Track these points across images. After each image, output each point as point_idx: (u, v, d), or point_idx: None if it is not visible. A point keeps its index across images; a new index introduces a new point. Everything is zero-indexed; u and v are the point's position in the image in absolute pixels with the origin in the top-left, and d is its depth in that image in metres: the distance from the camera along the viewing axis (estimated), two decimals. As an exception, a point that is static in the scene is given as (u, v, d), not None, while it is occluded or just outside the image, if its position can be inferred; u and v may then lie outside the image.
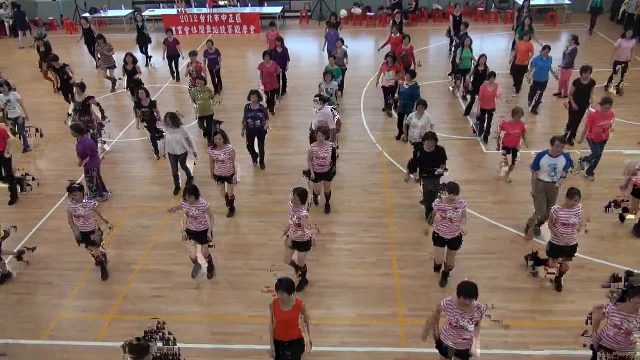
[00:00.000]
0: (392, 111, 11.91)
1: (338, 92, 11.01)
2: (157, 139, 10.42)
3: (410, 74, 10.50)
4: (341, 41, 12.99)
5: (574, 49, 12.02)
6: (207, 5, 20.73)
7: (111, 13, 21.24)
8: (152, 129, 10.35)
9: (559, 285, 7.07)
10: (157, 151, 10.56)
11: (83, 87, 10.34)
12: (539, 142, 10.16)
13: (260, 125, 9.63)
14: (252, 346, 6.43)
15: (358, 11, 20.79)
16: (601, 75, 12.10)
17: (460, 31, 14.35)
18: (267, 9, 20.84)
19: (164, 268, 7.82)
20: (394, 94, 11.37)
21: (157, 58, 16.27)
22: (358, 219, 8.75)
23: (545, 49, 11.37)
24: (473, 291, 4.88)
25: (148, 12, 20.78)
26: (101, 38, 14.11)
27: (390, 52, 12.08)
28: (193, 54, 12.33)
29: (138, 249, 8.25)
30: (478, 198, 9.11)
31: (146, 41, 16.38)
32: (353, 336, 6.56)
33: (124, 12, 20.95)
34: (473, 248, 7.84)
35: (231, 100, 13.60)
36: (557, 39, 17.59)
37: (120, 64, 13.20)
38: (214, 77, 13.79)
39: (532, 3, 17.38)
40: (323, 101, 9.55)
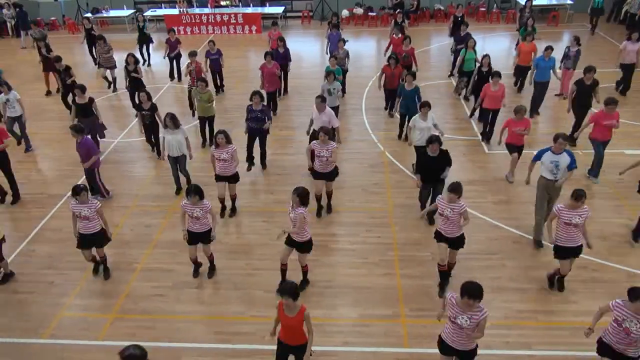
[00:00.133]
0: (394, 112, 11.87)
1: (339, 93, 10.98)
2: (156, 143, 10.47)
3: (411, 75, 10.47)
4: (343, 41, 12.99)
5: (578, 50, 11.97)
6: (209, 5, 20.75)
7: (113, 13, 21.27)
8: (151, 132, 10.36)
9: (561, 285, 7.06)
10: (158, 152, 10.55)
11: (83, 89, 10.32)
12: (541, 142, 10.14)
13: (261, 125, 9.63)
14: (255, 346, 6.43)
15: (359, 11, 20.79)
16: (602, 75, 12.04)
17: (457, 32, 14.35)
18: (269, 9, 20.88)
19: (166, 267, 7.83)
20: (397, 96, 11.25)
21: (158, 58, 16.27)
22: (360, 219, 8.74)
23: (547, 50, 11.32)
24: (477, 291, 4.77)
25: (150, 12, 20.83)
26: (101, 38, 14.06)
27: (392, 54, 12.06)
28: (193, 54, 12.28)
29: (140, 248, 8.26)
30: (480, 198, 9.10)
31: (147, 41, 16.39)
32: (355, 336, 6.55)
33: (126, 12, 20.98)
34: (475, 248, 7.83)
35: (232, 100, 13.62)
36: (559, 39, 17.58)
37: (121, 64, 13.15)
38: (216, 78, 13.79)
39: (534, 3, 17.35)
40: (324, 101, 9.53)
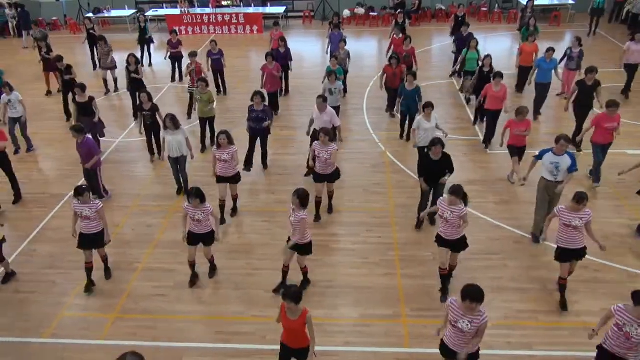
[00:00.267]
0: (395, 111, 11.85)
1: (341, 93, 10.98)
2: (157, 144, 10.49)
3: (412, 75, 10.46)
4: (344, 42, 12.99)
5: (581, 51, 11.91)
6: (210, 5, 20.76)
7: (114, 13, 21.29)
8: (152, 133, 10.36)
9: (563, 298, 6.98)
10: (159, 152, 10.56)
11: (83, 88, 10.34)
12: (543, 142, 10.13)
13: (263, 126, 9.62)
14: (255, 346, 6.43)
15: (361, 11, 20.79)
16: (603, 75, 12.02)
17: (457, 32, 14.32)
18: (270, 9, 20.88)
19: (167, 267, 7.84)
20: (398, 96, 11.24)
21: (159, 58, 16.28)
22: (361, 219, 8.74)
23: (549, 51, 11.25)
24: (478, 294, 4.73)
25: (151, 12, 20.85)
26: (102, 39, 14.04)
27: (393, 54, 12.04)
28: (193, 55, 12.28)
29: (141, 248, 8.27)
30: (481, 198, 9.08)
31: (148, 42, 16.40)
32: (356, 336, 6.55)
33: (127, 12, 21.00)
34: (476, 248, 7.81)
35: (234, 100, 13.62)
36: (561, 39, 17.56)
37: (122, 65, 13.13)
38: (217, 79, 13.79)
39: (536, 3, 17.29)
40: (325, 101, 9.52)
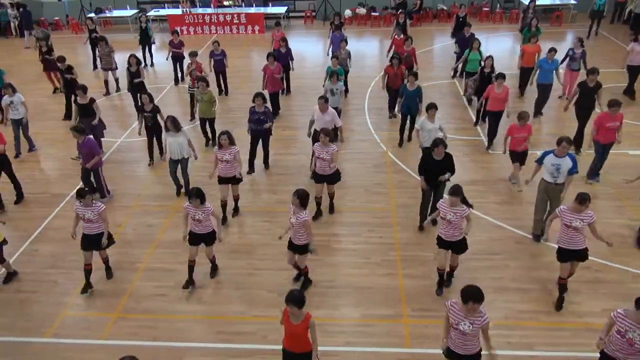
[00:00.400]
0: (396, 111, 11.83)
1: (342, 93, 10.97)
2: (159, 145, 10.50)
3: (413, 76, 10.45)
4: (345, 42, 12.98)
5: (583, 52, 11.87)
6: (212, 5, 20.78)
7: (116, 13, 21.31)
8: (153, 134, 10.37)
9: (561, 296, 6.97)
10: (161, 153, 10.57)
11: (85, 90, 10.34)
12: (545, 144, 10.11)
13: (264, 127, 9.63)
14: (256, 346, 6.44)
15: (362, 11, 20.79)
16: (605, 75, 12.00)
17: (458, 32, 14.29)
18: (272, 9, 20.87)
19: (168, 266, 7.85)
20: (399, 96, 11.21)
21: (161, 59, 16.30)
22: (362, 219, 8.74)
23: (550, 52, 11.22)
24: (479, 294, 4.77)
25: (153, 12, 20.88)
26: (102, 40, 14.03)
27: (395, 54, 12.03)
28: (193, 55, 12.28)
29: (142, 248, 8.28)
30: (482, 198, 9.07)
31: (149, 42, 16.40)
32: (357, 336, 6.55)
33: (129, 12, 21.01)
34: (477, 248, 7.82)
35: (236, 100, 13.63)
36: (563, 39, 17.54)
37: (123, 66, 13.12)
38: (219, 79, 13.79)
39: (538, 3, 17.26)
40: (327, 101, 9.52)
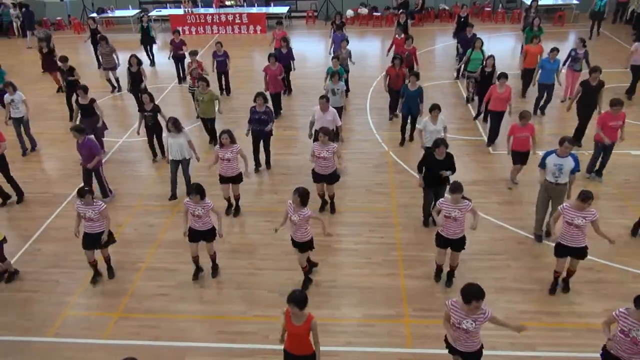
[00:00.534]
0: (398, 112, 11.80)
1: (344, 93, 10.97)
2: (159, 145, 10.52)
3: (415, 76, 10.43)
4: (346, 41, 12.98)
5: (586, 52, 11.84)
6: (214, 5, 20.79)
7: (118, 13, 21.36)
8: (153, 134, 10.37)
9: (566, 286, 7.03)
10: (162, 152, 10.57)
11: (86, 89, 10.36)
12: (547, 144, 10.09)
13: (264, 127, 9.62)
14: (257, 345, 6.44)
15: (364, 11, 20.79)
16: (607, 76, 11.97)
17: (460, 33, 14.26)
18: (274, 9, 20.88)
19: (170, 266, 7.85)
20: (400, 96, 11.18)
21: (163, 58, 16.31)
22: (364, 219, 8.74)
23: (552, 51, 11.19)
24: (481, 292, 4.77)
25: (155, 12, 20.91)
26: (103, 39, 14.03)
27: (397, 54, 12.02)
28: (193, 54, 12.27)
29: (143, 248, 8.28)
30: (484, 198, 9.06)
31: (150, 42, 16.40)
32: (359, 336, 6.54)
33: (131, 12, 21.05)
34: (479, 249, 7.81)
35: (237, 100, 13.64)
36: (565, 39, 17.51)
37: (124, 66, 13.09)
38: (221, 79, 13.79)
39: (540, 3, 17.21)
40: (328, 101, 9.51)
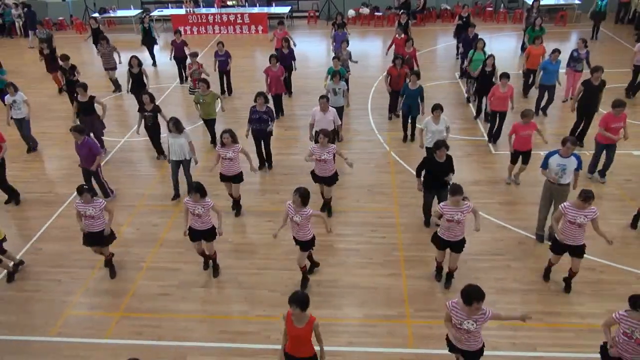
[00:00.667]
0: (397, 111, 11.78)
1: (346, 93, 10.96)
2: (158, 144, 10.54)
3: (416, 75, 10.43)
4: (346, 42, 12.97)
5: (587, 52, 11.80)
6: (215, 5, 20.81)
7: (120, 13, 21.38)
8: (152, 134, 10.37)
9: (568, 286, 7.03)
10: (162, 153, 10.58)
11: (85, 88, 10.38)
12: (549, 144, 10.06)
13: (265, 127, 9.63)
14: (259, 345, 6.44)
15: (366, 11, 20.78)
16: (611, 76, 11.97)
17: (461, 33, 14.24)
18: (275, 9, 20.91)
19: (172, 266, 7.86)
20: (400, 95, 11.16)
21: (164, 58, 16.32)
22: (365, 219, 8.74)
23: (554, 52, 11.15)
24: (481, 293, 4.78)
25: (157, 12, 20.93)
26: (104, 39, 14.03)
27: (398, 55, 12.01)
28: (193, 55, 12.26)
29: (146, 247, 8.30)
30: (485, 199, 9.06)
31: (152, 43, 16.41)
32: (360, 336, 6.55)
33: (133, 12, 21.07)
34: (480, 249, 7.81)
35: (239, 100, 13.65)
36: (567, 39, 17.49)
37: (125, 66, 13.06)
38: (223, 80, 13.79)
39: (542, 2, 17.17)
40: (328, 100, 9.51)
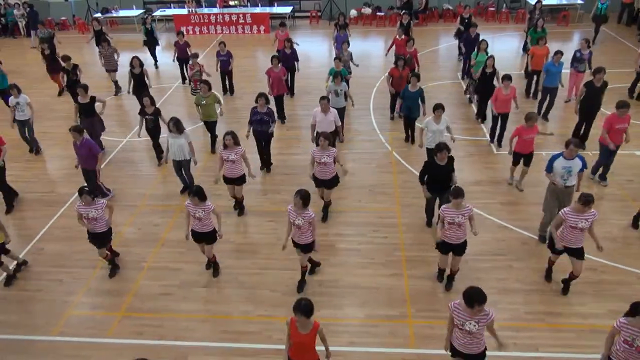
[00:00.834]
0: (398, 112, 11.76)
1: (347, 93, 10.96)
2: (157, 149, 10.55)
3: (416, 77, 10.41)
4: (347, 43, 12.97)
5: (590, 53, 11.77)
6: (217, 5, 20.82)
7: (122, 13, 21.40)
8: (153, 137, 10.38)
9: (566, 288, 6.99)
10: (160, 156, 10.57)
11: (86, 88, 10.39)
12: (550, 143, 10.07)
13: (266, 129, 9.62)
14: (261, 345, 6.45)
15: (368, 11, 20.77)
16: (613, 76, 11.95)
17: (462, 33, 14.22)
18: (277, 9, 20.91)
19: (173, 265, 7.87)
20: (399, 97, 11.11)
21: (166, 59, 16.33)
22: (367, 219, 8.73)
23: (557, 54, 11.08)
24: (483, 295, 4.78)
25: (159, 12, 20.95)
26: (105, 40, 14.02)
27: (400, 55, 11.98)
28: (194, 57, 12.26)
29: (147, 247, 8.31)
30: (487, 199, 9.05)
31: (154, 43, 16.43)
32: (362, 336, 6.55)
33: (135, 12, 21.10)
34: (482, 249, 7.80)
35: (241, 100, 13.66)
36: (569, 39, 17.46)
37: (126, 67, 12.96)
38: (225, 80, 13.79)
39: (544, 3, 17.12)
40: (329, 102, 9.51)
